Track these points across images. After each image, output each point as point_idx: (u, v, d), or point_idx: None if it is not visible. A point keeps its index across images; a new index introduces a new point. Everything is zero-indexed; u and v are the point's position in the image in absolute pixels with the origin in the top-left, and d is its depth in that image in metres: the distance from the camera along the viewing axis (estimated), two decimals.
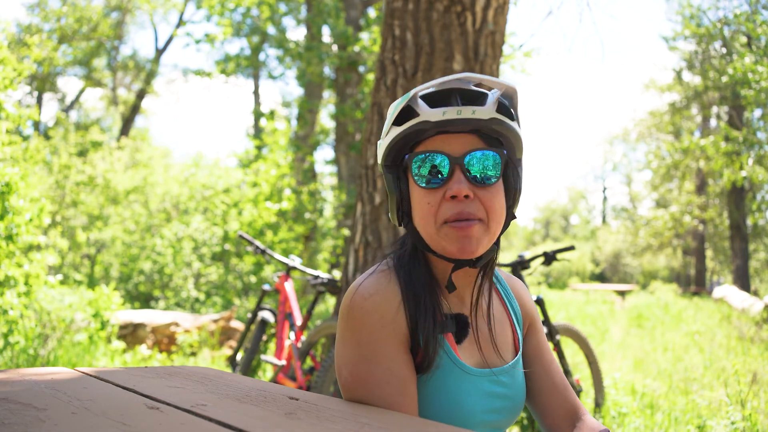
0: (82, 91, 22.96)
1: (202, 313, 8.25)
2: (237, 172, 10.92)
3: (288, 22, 16.29)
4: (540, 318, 1.26)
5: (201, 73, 14.18)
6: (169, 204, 11.11)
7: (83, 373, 1.06)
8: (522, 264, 3.44)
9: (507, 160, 0.99)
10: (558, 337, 3.48)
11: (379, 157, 1.05)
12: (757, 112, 13.08)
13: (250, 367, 3.99)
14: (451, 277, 1.01)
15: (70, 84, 41.64)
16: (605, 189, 41.51)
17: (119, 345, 5.05)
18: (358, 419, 0.78)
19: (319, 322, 4.57)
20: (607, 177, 44.50)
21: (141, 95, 22.41)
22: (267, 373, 4.61)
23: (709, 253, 22.92)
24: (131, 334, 5.58)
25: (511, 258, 18.10)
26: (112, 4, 21.06)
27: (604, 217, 40.71)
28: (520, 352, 1.12)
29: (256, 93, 21.20)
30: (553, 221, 44.73)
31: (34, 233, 4.48)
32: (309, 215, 9.21)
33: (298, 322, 3.77)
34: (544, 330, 3.41)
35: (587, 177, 54.75)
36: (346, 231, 8.27)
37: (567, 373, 3.47)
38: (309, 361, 3.68)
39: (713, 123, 18.96)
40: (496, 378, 1.03)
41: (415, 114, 0.97)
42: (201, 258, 9.40)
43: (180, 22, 21.33)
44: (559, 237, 41.99)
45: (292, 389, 0.96)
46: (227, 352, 5.54)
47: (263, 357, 3.87)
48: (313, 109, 11.85)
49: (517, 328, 1.14)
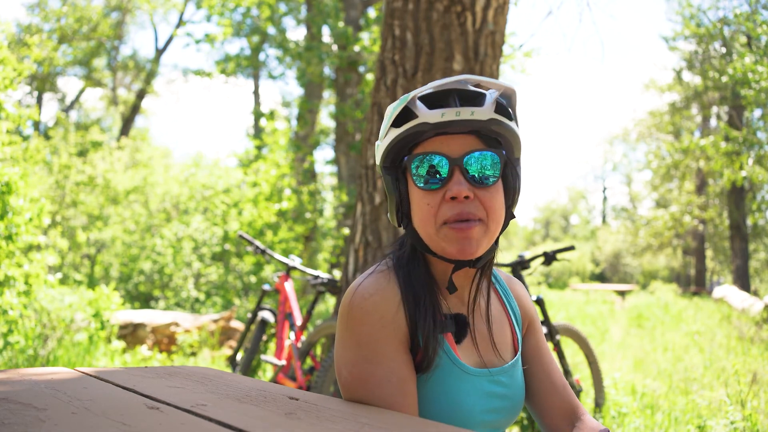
0: (82, 91, 22.96)
1: (202, 313, 8.25)
2: (237, 172, 10.92)
3: (288, 22, 16.29)
4: (539, 318, 1.26)
5: (201, 73, 14.19)
6: (169, 204, 11.11)
7: (83, 373, 1.06)
8: (522, 264, 3.44)
9: (506, 161, 0.99)
10: (558, 337, 3.48)
11: (378, 158, 1.05)
12: (757, 112, 13.08)
13: (250, 367, 4.00)
14: (452, 278, 1.02)
15: (70, 84, 41.68)
16: (605, 189, 41.54)
17: (119, 345, 5.05)
18: (358, 419, 0.78)
19: (319, 322, 4.57)
20: (607, 177, 44.55)
21: (141, 95, 22.40)
22: (267, 373, 4.61)
23: (709, 253, 22.92)
24: (131, 334, 5.58)
25: (511, 258, 18.10)
26: (112, 4, 21.05)
27: (604, 217, 40.73)
28: (519, 352, 1.12)
29: (256, 93, 21.21)
30: (553, 221, 44.73)
31: (33, 233, 4.48)
32: (309, 215, 9.21)
33: (298, 322, 3.77)
34: (544, 330, 3.43)
35: (587, 177, 54.82)
36: (346, 231, 8.27)
37: (567, 373, 3.47)
38: (309, 361, 3.69)
39: (713, 123, 18.96)
40: (495, 378, 1.03)
41: (413, 115, 0.97)
42: (201, 258, 9.40)
43: (180, 22, 21.33)
44: (559, 237, 41.99)
45: (292, 389, 0.96)
46: (227, 352, 5.54)
47: (263, 357, 3.87)
48: (313, 109, 11.85)
49: (516, 328, 1.14)
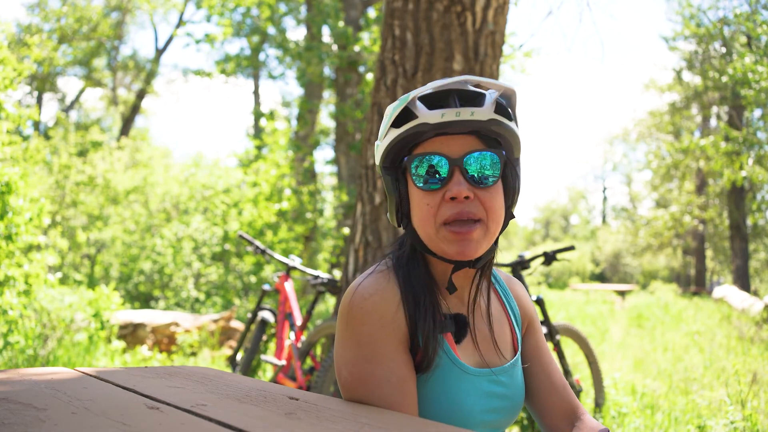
0: (82, 91, 22.96)
1: (202, 313, 8.25)
2: (237, 172, 10.92)
3: (288, 22, 16.29)
4: (539, 318, 1.26)
5: (201, 73, 14.19)
6: (169, 204, 11.11)
7: (83, 373, 1.06)
8: (522, 264, 3.44)
9: (506, 161, 0.99)
10: (558, 337, 3.48)
11: (377, 158, 1.05)
12: (757, 112, 13.08)
13: (250, 367, 4.00)
14: (452, 278, 1.02)
15: (70, 84, 41.66)
16: (605, 189, 41.54)
17: (119, 345, 5.05)
18: (358, 419, 0.78)
19: (319, 322, 4.57)
20: (607, 177, 44.54)
21: (141, 95, 22.40)
22: (267, 373, 4.61)
23: (709, 253, 22.92)
24: (131, 334, 5.58)
25: (511, 258, 18.10)
26: (112, 4, 21.05)
27: (604, 217, 40.72)
28: (519, 351, 1.12)
29: (256, 93, 21.21)
30: (553, 221, 44.72)
31: (33, 233, 4.48)
32: (309, 215, 9.21)
33: (298, 322, 3.77)
34: (544, 330, 3.43)
35: (587, 177, 54.81)
36: (346, 231, 8.27)
37: (567, 373, 3.47)
38: (309, 361, 3.69)
39: (713, 123, 18.96)
40: (495, 378, 1.03)
41: (413, 116, 0.97)
42: (201, 258, 9.40)
43: (180, 22, 21.32)
44: (559, 237, 41.98)
45: (292, 389, 0.96)
46: (227, 352, 5.54)
47: (263, 357, 3.87)
48: (313, 109, 11.85)
49: (516, 328, 1.14)
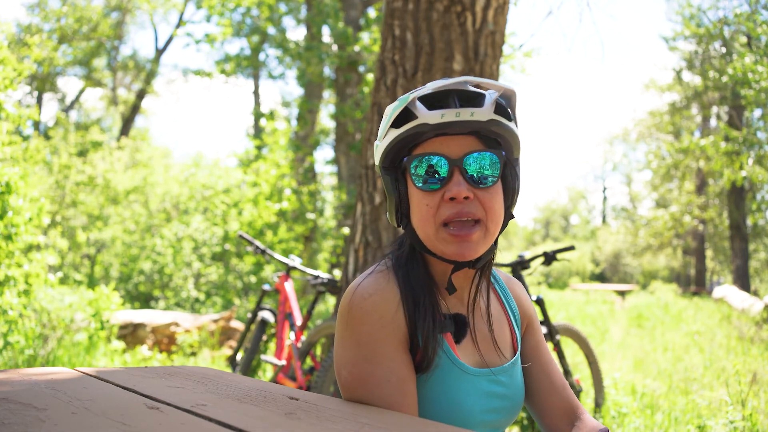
0: (82, 91, 22.96)
1: (202, 313, 8.25)
2: (237, 172, 10.92)
3: (288, 22, 16.30)
4: (539, 318, 1.26)
5: (201, 73, 14.18)
6: (169, 204, 11.11)
7: (83, 373, 1.06)
8: (522, 264, 3.44)
9: (505, 161, 0.99)
10: (558, 337, 3.48)
11: (377, 158, 1.05)
12: (757, 112, 13.08)
13: (250, 367, 4.00)
14: (451, 278, 1.02)
15: (70, 84, 41.65)
16: (605, 189, 41.53)
17: (119, 345, 5.05)
18: (358, 419, 0.78)
19: (319, 322, 4.57)
20: (607, 177, 44.54)
21: (141, 95, 22.40)
22: (267, 373, 4.61)
23: (709, 253, 22.92)
24: (131, 334, 5.58)
25: (511, 258, 18.10)
26: (112, 4, 21.06)
27: (604, 217, 40.72)
28: (519, 351, 1.12)
29: (256, 93, 21.22)
30: (553, 221, 44.72)
31: (33, 233, 4.48)
32: (309, 215, 9.21)
33: (298, 322, 3.77)
34: (544, 330, 3.43)
35: (587, 177, 54.81)
36: (346, 231, 8.27)
37: (567, 373, 3.47)
38: (309, 361, 3.69)
39: (713, 123, 18.96)
40: (495, 378, 1.03)
41: (413, 116, 0.97)
42: (201, 258, 9.40)
43: (180, 22, 21.32)
44: (559, 237, 41.98)
45: (292, 389, 0.96)
46: (227, 352, 5.54)
47: (263, 357, 3.87)
48: (313, 109, 11.85)
49: (515, 327, 1.14)
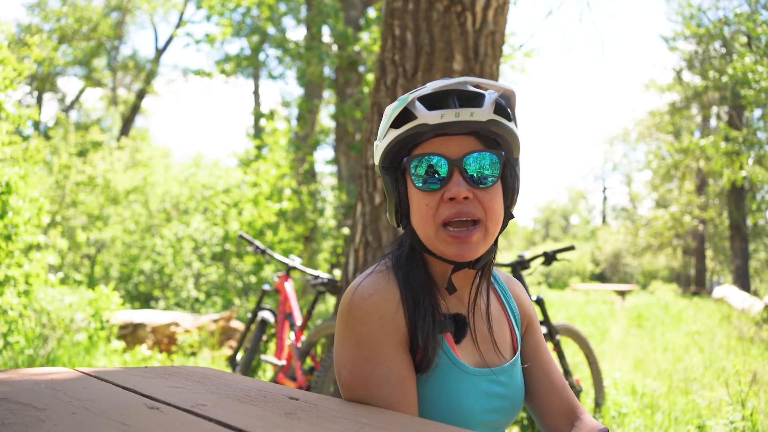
0: (82, 91, 22.96)
1: (202, 313, 8.25)
2: (237, 172, 10.92)
3: (288, 22, 16.31)
4: (539, 318, 1.26)
5: (201, 73, 14.17)
6: (169, 204, 11.11)
7: (83, 373, 1.06)
8: (522, 264, 3.44)
9: (505, 161, 0.99)
10: (558, 337, 3.48)
11: (377, 159, 1.05)
12: (757, 112, 13.08)
13: (250, 367, 4.00)
14: (451, 278, 1.02)
15: (70, 84, 41.65)
16: (605, 189, 41.53)
17: (119, 345, 5.05)
18: (358, 419, 0.78)
19: (319, 322, 4.57)
20: (607, 177, 44.54)
21: (141, 95, 22.40)
22: (267, 373, 4.61)
23: (709, 253, 22.92)
24: (131, 334, 5.58)
25: (511, 258, 18.09)
26: (112, 4, 21.05)
27: (604, 217, 40.72)
28: (519, 351, 1.12)
29: (256, 93, 21.22)
30: (553, 221, 44.72)
31: (33, 233, 4.48)
32: (309, 215, 9.21)
33: (298, 322, 3.77)
34: (544, 330, 3.43)
35: (587, 177, 54.80)
36: (346, 231, 8.27)
37: (567, 373, 3.47)
38: (309, 361, 3.69)
39: (713, 123, 18.96)
40: (494, 378, 1.03)
41: (412, 117, 0.97)
42: (201, 258, 9.40)
43: (180, 22, 21.32)
44: (559, 237, 41.98)
45: (292, 389, 0.96)
46: (227, 352, 5.54)
47: (263, 357, 3.88)
48: (313, 109, 11.84)
49: (515, 327, 1.14)
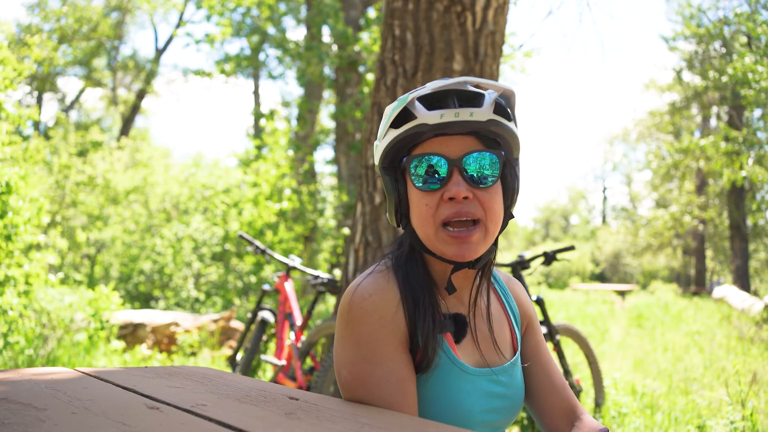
0: (82, 91, 22.95)
1: (202, 313, 8.25)
2: (237, 172, 10.92)
3: (288, 22, 16.30)
4: (539, 318, 1.26)
5: (201, 73, 14.17)
6: (169, 204, 11.11)
7: (83, 373, 1.06)
8: (522, 264, 3.44)
9: (505, 161, 0.99)
10: (558, 337, 3.48)
11: (376, 159, 1.05)
12: (757, 112, 13.08)
13: (250, 367, 4.00)
14: (451, 278, 1.02)
15: (70, 84, 41.64)
16: (605, 189, 41.52)
17: (119, 345, 5.05)
18: (358, 419, 0.78)
19: (319, 322, 4.57)
20: (607, 177, 44.53)
21: (141, 95, 22.40)
22: (267, 373, 4.61)
23: (709, 253, 22.92)
24: (131, 334, 5.58)
25: (511, 258, 18.08)
26: (112, 4, 21.05)
27: (604, 217, 40.71)
28: (519, 351, 1.12)
29: (256, 93, 21.22)
30: (553, 221, 44.72)
31: (33, 233, 4.48)
32: (309, 215, 9.21)
33: (298, 322, 3.77)
34: (544, 330, 3.43)
35: (587, 177, 54.79)
36: (346, 231, 8.27)
37: (567, 373, 3.47)
38: (309, 361, 3.69)
39: (713, 123, 18.96)
40: (495, 378, 1.03)
41: (412, 116, 0.97)
42: (201, 258, 9.40)
43: (180, 22, 21.31)
44: (559, 237, 41.98)
45: (292, 389, 0.96)
46: (227, 352, 5.54)
47: (263, 357, 3.88)
48: (313, 109, 11.84)
49: (515, 327, 1.14)
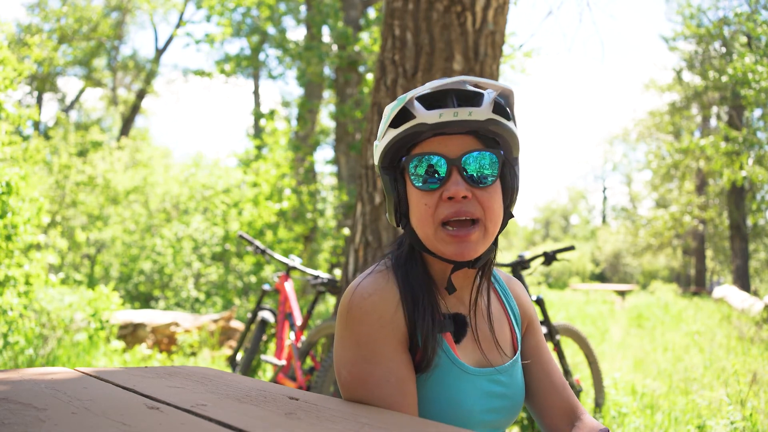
0: (82, 91, 22.95)
1: (202, 313, 8.25)
2: (237, 172, 10.92)
3: (288, 22, 16.29)
4: (539, 318, 1.26)
5: (201, 73, 14.17)
6: (169, 204, 11.11)
7: (83, 373, 1.06)
8: (522, 264, 3.44)
9: (504, 160, 0.99)
10: (558, 337, 3.48)
11: (376, 158, 1.05)
12: (757, 112, 13.08)
13: (250, 367, 4.00)
14: (451, 278, 1.01)
15: (70, 84, 41.64)
16: (605, 189, 41.52)
17: (119, 345, 5.05)
18: (358, 419, 0.78)
19: (319, 322, 4.57)
20: (607, 177, 44.51)
21: (141, 95, 22.39)
22: (267, 373, 4.61)
23: (709, 253, 22.92)
24: (131, 334, 5.58)
25: (511, 258, 18.08)
26: (112, 4, 21.04)
27: (604, 217, 40.71)
28: (519, 351, 1.12)
29: (256, 93, 21.21)
30: (553, 221, 44.72)
31: (33, 233, 4.49)
32: (309, 215, 9.21)
33: (298, 322, 3.77)
34: (544, 330, 3.43)
35: (587, 177, 54.76)
36: (346, 231, 8.27)
37: (567, 373, 3.47)
38: (309, 361, 3.69)
39: (713, 123, 18.96)
40: (495, 377, 1.03)
41: (411, 116, 0.97)
42: (201, 258, 9.40)
43: (180, 22, 21.30)
44: (559, 237, 41.98)
45: (292, 389, 0.96)
46: (227, 352, 5.54)
47: (263, 357, 3.88)
48: (313, 109, 11.84)
49: (515, 327, 1.14)
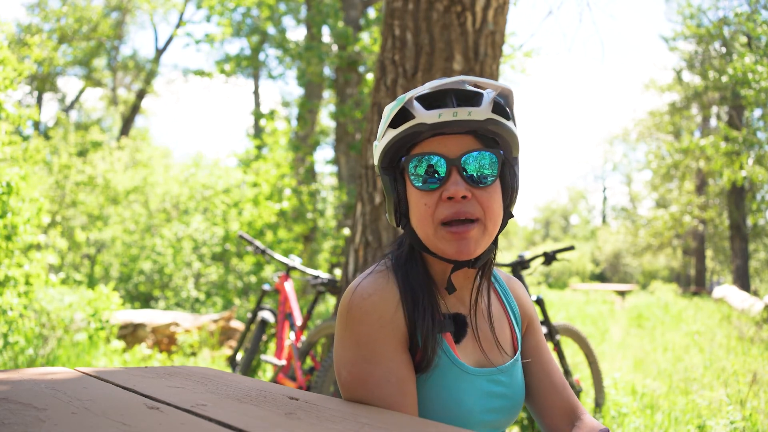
0: (82, 91, 22.96)
1: (202, 313, 8.25)
2: (237, 172, 10.92)
3: (288, 22, 16.31)
4: (539, 318, 1.26)
5: (201, 73, 14.17)
6: (169, 204, 11.11)
7: (83, 373, 1.06)
8: (522, 264, 3.44)
9: (504, 160, 0.99)
10: (558, 337, 3.48)
11: (375, 159, 1.05)
12: (757, 112, 13.09)
13: (250, 367, 4.00)
14: (451, 278, 1.01)
15: (70, 84, 41.66)
16: (605, 189, 41.54)
17: (119, 345, 5.05)
18: (358, 419, 0.78)
19: (319, 322, 4.57)
20: (607, 177, 44.51)
21: (141, 95, 22.39)
22: (267, 373, 4.61)
23: (709, 253, 22.92)
24: (131, 334, 5.58)
25: (511, 258, 18.08)
26: (112, 4, 21.04)
27: (604, 217, 40.71)
28: (519, 351, 1.12)
29: (256, 93, 21.22)
30: (553, 221, 44.72)
31: (33, 233, 4.49)
32: (309, 215, 9.21)
33: (298, 322, 3.77)
34: (544, 330, 3.43)
35: (587, 177, 54.73)
36: (346, 231, 8.27)
37: (567, 373, 3.47)
38: (309, 361, 3.69)
39: (713, 123, 18.96)
40: (495, 377, 1.03)
41: (410, 116, 0.97)
42: (201, 258, 9.40)
43: (180, 22, 21.31)
44: (559, 237, 41.98)
45: (292, 389, 0.96)
46: (227, 352, 5.54)
47: (263, 357, 3.88)
48: (313, 109, 11.84)
49: (516, 327, 1.14)
